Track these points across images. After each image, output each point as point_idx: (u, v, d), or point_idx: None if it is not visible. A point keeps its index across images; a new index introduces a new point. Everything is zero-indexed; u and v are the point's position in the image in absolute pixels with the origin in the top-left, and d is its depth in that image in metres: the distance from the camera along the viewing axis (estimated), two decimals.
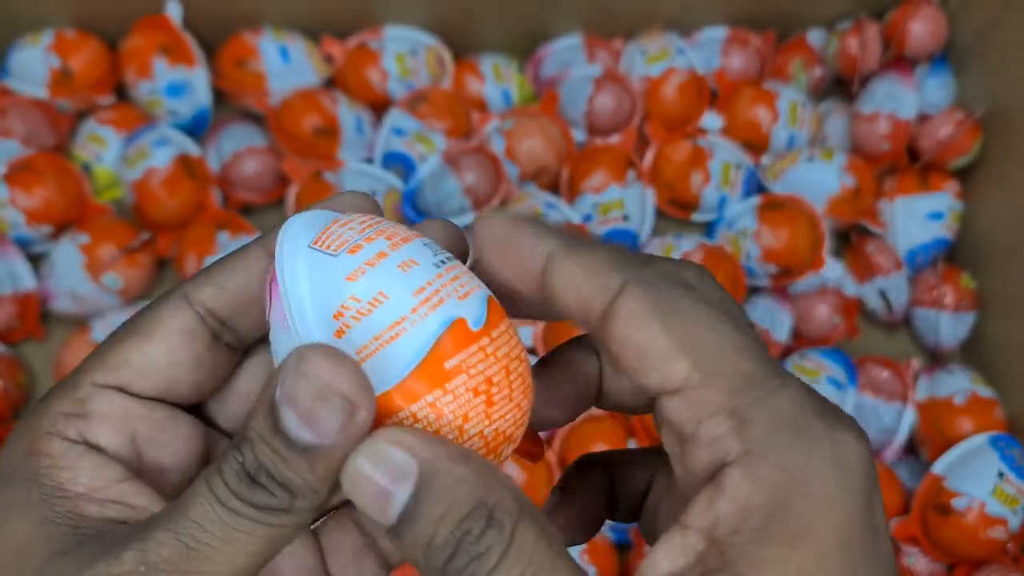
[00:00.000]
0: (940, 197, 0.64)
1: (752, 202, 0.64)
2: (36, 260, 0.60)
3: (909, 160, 0.65)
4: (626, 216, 0.63)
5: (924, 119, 0.64)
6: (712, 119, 0.67)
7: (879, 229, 0.64)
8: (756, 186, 0.66)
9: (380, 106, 0.65)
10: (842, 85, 0.69)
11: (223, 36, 0.65)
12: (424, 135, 0.63)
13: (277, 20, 0.65)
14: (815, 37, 0.68)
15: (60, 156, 0.62)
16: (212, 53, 0.65)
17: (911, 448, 0.60)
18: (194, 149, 0.62)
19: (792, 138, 0.66)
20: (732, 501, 0.18)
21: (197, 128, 0.64)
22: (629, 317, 0.20)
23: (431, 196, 0.61)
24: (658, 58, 0.66)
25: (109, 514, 0.20)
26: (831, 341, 0.62)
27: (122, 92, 0.65)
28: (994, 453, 0.54)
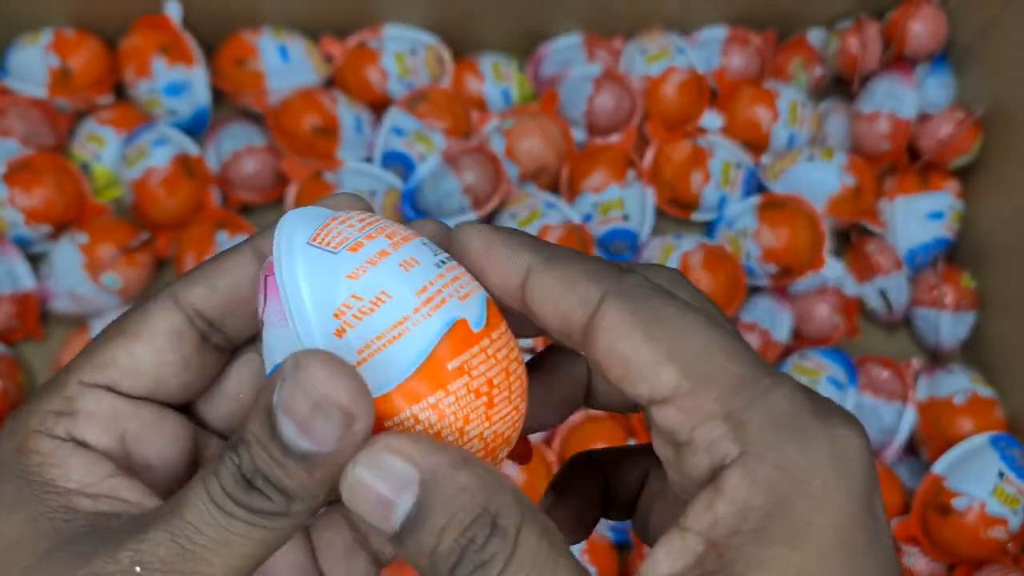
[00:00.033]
0: (940, 197, 0.64)
1: (752, 202, 0.64)
2: (35, 260, 0.60)
3: (909, 159, 0.65)
4: (626, 216, 0.63)
5: (924, 118, 0.64)
6: (712, 118, 0.67)
7: (879, 229, 0.64)
8: (756, 185, 0.66)
9: (379, 105, 0.65)
10: (842, 84, 0.69)
11: (222, 35, 0.65)
12: (424, 134, 0.62)
13: (276, 19, 0.65)
14: (815, 36, 0.68)
15: (59, 156, 0.62)
16: (211, 52, 0.65)
17: (911, 448, 0.60)
18: (193, 148, 0.62)
19: (792, 137, 0.66)
20: (730, 503, 0.18)
21: (196, 127, 0.64)
22: (611, 329, 0.20)
23: (431, 196, 0.61)
24: (658, 57, 0.66)
25: (102, 508, 0.20)
26: (831, 341, 0.62)
27: (121, 91, 0.65)
28: (994, 453, 0.54)
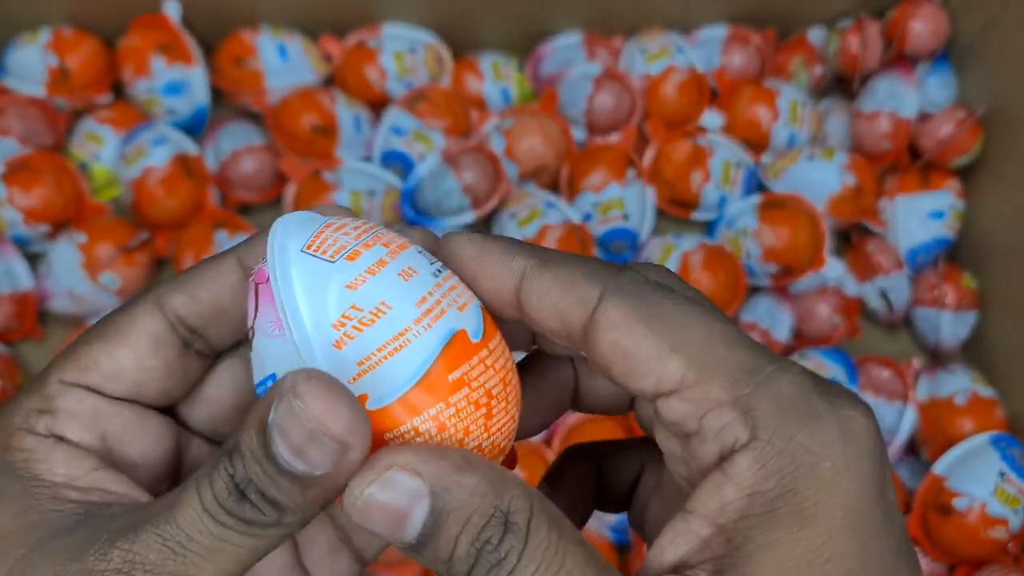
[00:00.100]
0: (941, 196, 0.64)
1: (752, 201, 0.63)
2: (34, 259, 0.60)
3: (910, 159, 0.65)
4: (626, 215, 0.62)
5: (925, 118, 0.64)
6: (712, 118, 0.67)
7: (880, 228, 0.64)
8: (756, 185, 0.65)
9: (379, 104, 0.65)
10: (843, 83, 0.69)
11: (221, 34, 0.65)
12: (423, 134, 0.62)
13: (275, 18, 0.65)
14: (816, 35, 0.68)
15: (58, 155, 0.62)
16: (210, 51, 0.65)
17: (912, 448, 0.60)
18: (192, 148, 0.62)
19: (792, 137, 0.66)
20: (738, 487, 0.18)
21: (195, 127, 0.64)
22: (613, 325, 0.20)
23: (430, 195, 0.61)
24: (658, 56, 0.66)
25: (92, 498, 0.20)
26: (832, 341, 0.62)
27: (120, 91, 0.65)
28: (995, 453, 0.54)
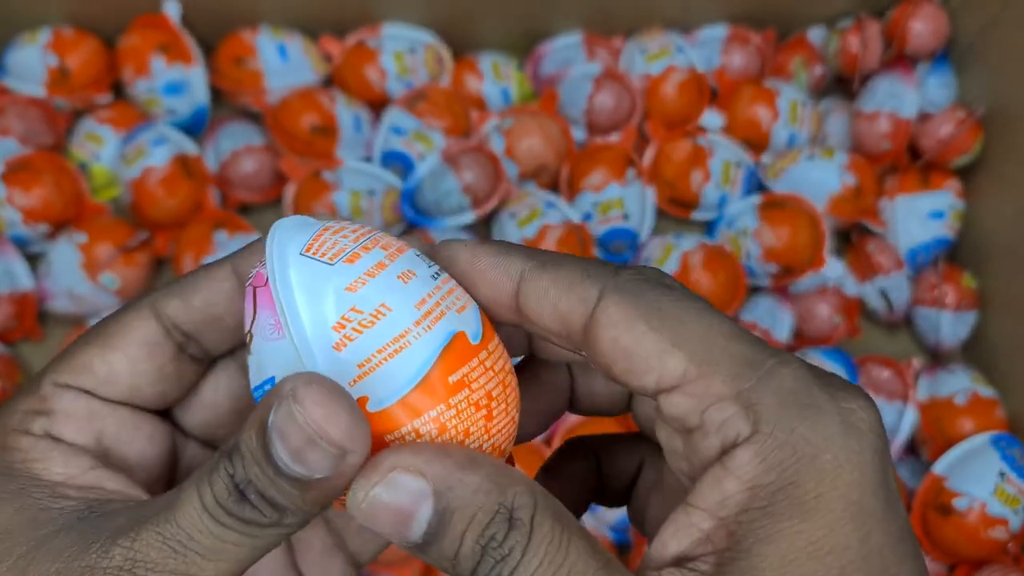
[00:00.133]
0: (941, 196, 0.64)
1: (752, 201, 0.63)
2: (33, 259, 0.60)
3: (910, 159, 0.65)
4: (626, 215, 0.62)
5: (925, 118, 0.64)
6: (712, 117, 0.67)
7: (880, 228, 0.64)
8: (756, 185, 0.65)
9: (379, 104, 0.65)
10: (843, 83, 0.69)
11: (221, 34, 0.65)
12: (423, 133, 0.62)
13: (275, 18, 0.65)
14: (816, 35, 0.68)
15: (57, 155, 0.62)
16: (210, 51, 0.65)
17: (912, 448, 0.60)
18: (192, 148, 0.62)
19: (792, 137, 0.66)
20: (739, 480, 0.18)
21: (195, 127, 0.64)
22: (613, 323, 0.20)
23: (430, 195, 0.61)
24: (658, 56, 0.66)
25: (91, 496, 0.20)
26: (832, 341, 0.62)
27: (120, 91, 0.65)
28: (995, 453, 0.54)
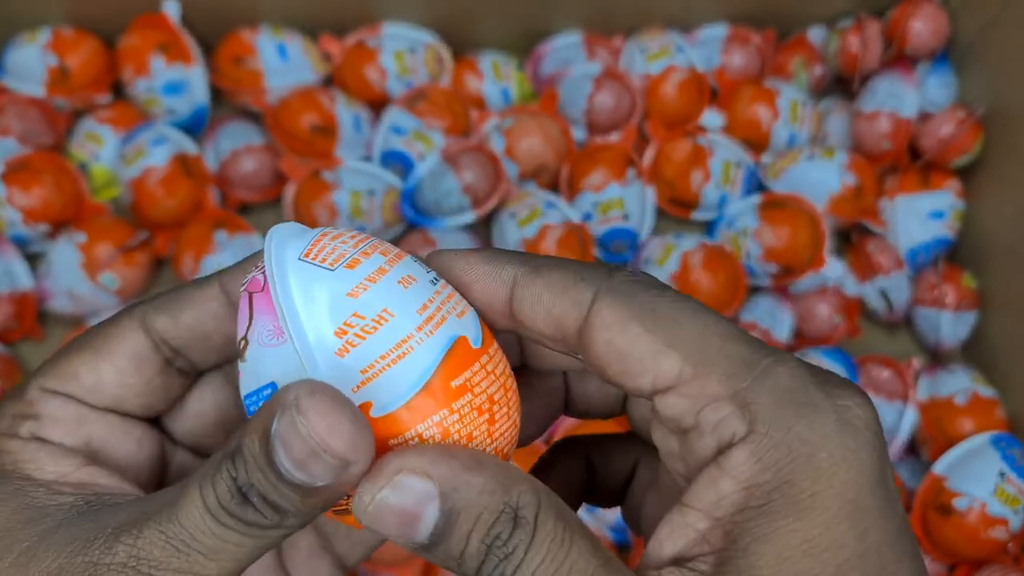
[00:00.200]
0: (941, 196, 0.64)
1: (752, 201, 0.63)
2: (33, 259, 0.60)
3: (910, 159, 0.65)
4: (626, 215, 0.62)
5: (925, 117, 0.64)
6: (712, 117, 0.66)
7: (880, 228, 0.64)
8: (756, 185, 0.65)
9: (378, 104, 0.65)
10: (843, 83, 0.68)
11: (221, 34, 0.65)
12: (423, 133, 0.62)
13: (275, 18, 0.65)
14: (816, 35, 0.68)
15: (57, 155, 0.62)
16: (210, 51, 0.65)
17: (912, 448, 0.60)
18: (192, 147, 0.62)
19: (793, 136, 0.66)
20: (735, 480, 0.18)
21: (195, 126, 0.64)
22: (607, 326, 0.20)
23: (430, 195, 0.61)
24: (658, 56, 0.66)
25: (87, 491, 0.21)
26: (832, 341, 0.62)
27: (119, 90, 0.65)
28: (995, 453, 0.54)
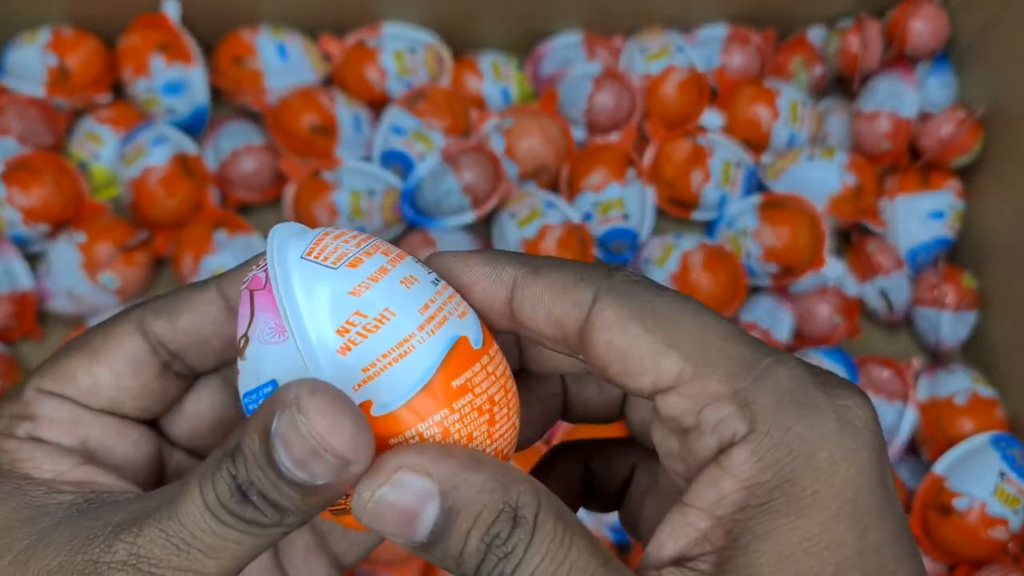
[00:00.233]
0: (941, 196, 0.64)
1: (752, 201, 0.63)
2: (33, 259, 0.60)
3: (910, 159, 0.65)
4: (626, 215, 0.62)
5: (925, 117, 0.64)
6: (712, 117, 0.66)
7: (880, 228, 0.64)
8: (756, 185, 0.65)
9: (378, 104, 0.65)
10: (843, 83, 0.68)
11: (221, 34, 0.65)
12: (423, 133, 0.62)
13: (275, 18, 0.65)
14: (816, 35, 0.68)
15: (57, 155, 0.62)
16: (210, 51, 0.65)
17: (912, 448, 0.60)
18: (192, 147, 0.62)
19: (793, 136, 0.66)
20: (736, 479, 0.18)
21: (195, 126, 0.64)
22: (607, 326, 0.20)
23: (430, 195, 0.61)
24: (658, 56, 0.66)
25: (86, 489, 0.21)
26: (832, 341, 0.62)
27: (119, 90, 0.65)
28: (995, 453, 0.54)
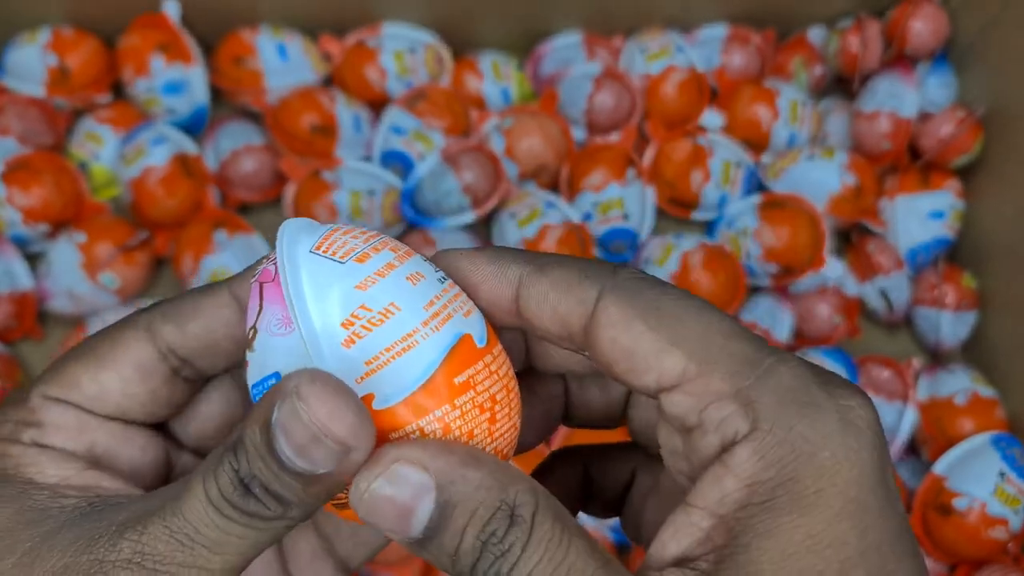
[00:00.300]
0: (941, 196, 0.64)
1: (752, 201, 0.63)
2: (33, 259, 0.60)
3: (910, 159, 0.65)
4: (626, 215, 0.62)
5: (925, 117, 0.64)
6: (712, 117, 0.66)
7: (880, 228, 0.64)
8: (756, 185, 0.65)
9: (378, 104, 0.65)
10: (843, 83, 0.68)
11: (221, 34, 0.65)
12: (423, 133, 0.62)
13: (275, 18, 0.65)
14: (816, 35, 0.68)
15: (57, 155, 0.62)
16: (210, 51, 0.65)
17: (912, 448, 0.60)
18: (192, 147, 0.62)
19: (793, 136, 0.66)
20: (738, 478, 0.18)
21: (195, 126, 0.64)
22: (612, 324, 0.20)
23: (430, 195, 0.61)
24: (658, 56, 0.66)
25: (90, 493, 0.21)
26: (832, 341, 0.62)
27: (119, 90, 0.65)
28: (995, 453, 0.54)
